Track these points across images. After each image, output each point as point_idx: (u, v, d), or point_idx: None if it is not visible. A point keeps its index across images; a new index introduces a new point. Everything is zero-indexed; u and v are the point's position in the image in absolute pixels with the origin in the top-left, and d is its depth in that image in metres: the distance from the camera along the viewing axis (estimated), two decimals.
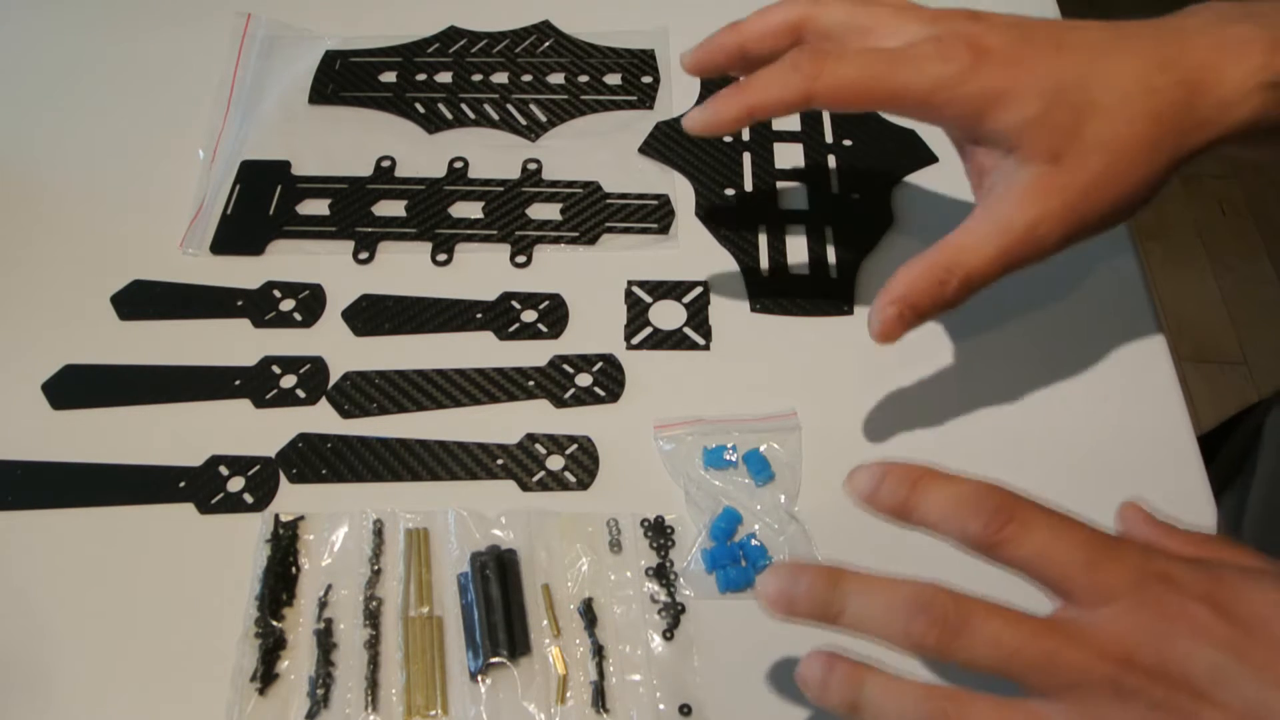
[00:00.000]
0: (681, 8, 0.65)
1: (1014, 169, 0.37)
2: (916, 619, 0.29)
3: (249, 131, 0.60)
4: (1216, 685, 0.27)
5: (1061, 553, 0.29)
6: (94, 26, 0.66)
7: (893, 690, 0.29)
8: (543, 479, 0.45)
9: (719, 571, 0.42)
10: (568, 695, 0.39)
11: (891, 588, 0.30)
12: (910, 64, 0.37)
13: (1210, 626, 0.27)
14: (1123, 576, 0.29)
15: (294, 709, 0.39)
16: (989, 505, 0.30)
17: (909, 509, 0.31)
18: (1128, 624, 0.28)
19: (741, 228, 0.54)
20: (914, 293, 0.37)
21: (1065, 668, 0.28)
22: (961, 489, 0.31)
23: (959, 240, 0.38)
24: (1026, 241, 0.37)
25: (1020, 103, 0.36)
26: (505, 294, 0.52)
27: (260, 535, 0.43)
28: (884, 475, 0.32)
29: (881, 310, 0.38)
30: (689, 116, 0.41)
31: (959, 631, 0.29)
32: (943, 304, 0.38)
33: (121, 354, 0.50)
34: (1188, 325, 1.56)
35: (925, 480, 0.31)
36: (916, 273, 0.38)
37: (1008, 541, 0.30)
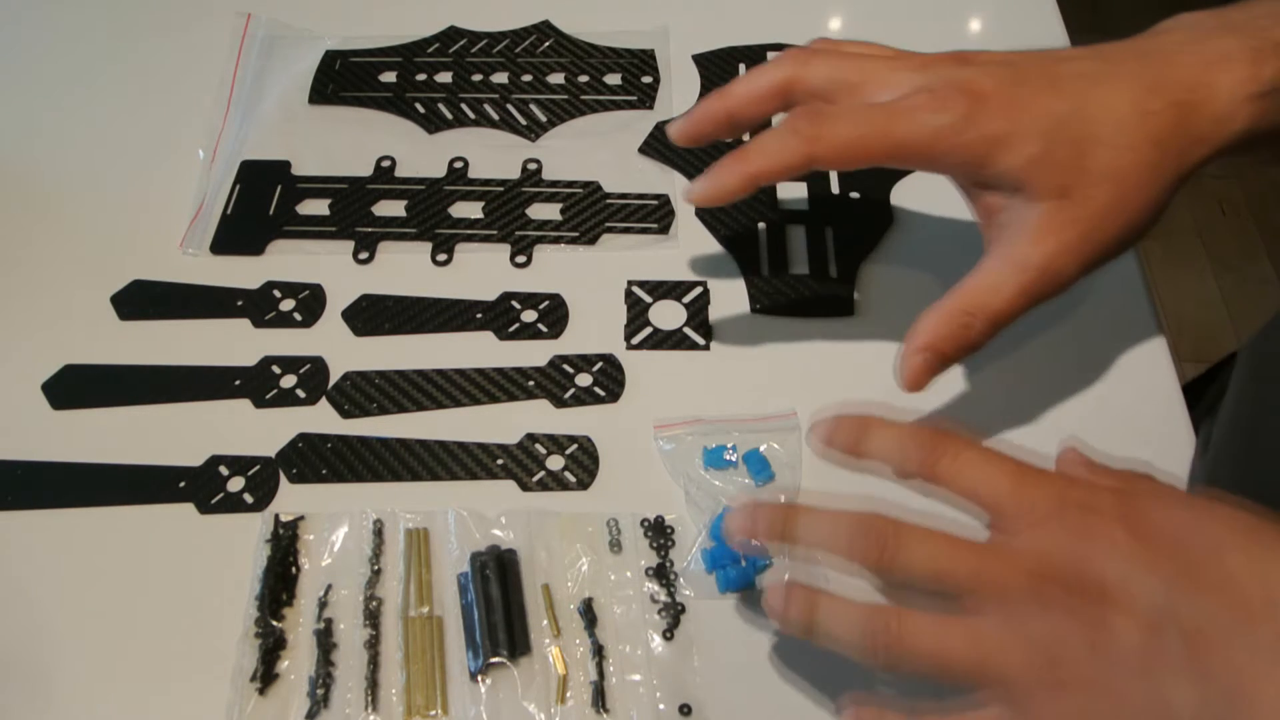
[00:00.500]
0: (681, 8, 0.66)
1: (1023, 207, 0.38)
2: (859, 535, 0.33)
3: (249, 131, 0.60)
4: (1126, 593, 0.29)
5: (991, 476, 0.33)
6: (94, 27, 0.66)
7: (841, 609, 0.33)
8: (543, 479, 0.45)
9: (719, 571, 0.42)
10: (568, 695, 0.39)
11: (837, 516, 0.34)
12: (907, 117, 0.37)
13: (1122, 543, 0.30)
14: (1045, 501, 0.32)
15: (294, 709, 0.39)
16: (929, 439, 0.34)
17: (859, 448, 0.35)
18: (1048, 542, 0.31)
19: (741, 228, 0.54)
20: (939, 339, 0.38)
21: (991, 581, 0.31)
22: (904, 430, 0.35)
23: (978, 283, 0.38)
24: (1045, 277, 0.37)
25: (1021, 143, 0.37)
26: (505, 294, 0.52)
27: (260, 535, 0.43)
28: (838, 424, 0.36)
29: (909, 358, 0.38)
30: (689, 190, 0.41)
31: (898, 548, 0.32)
32: (968, 347, 0.38)
33: (121, 354, 0.50)
34: (1188, 325, 1.56)
35: (873, 425, 0.35)
36: (940, 318, 0.38)
37: (945, 470, 0.33)
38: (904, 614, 0.32)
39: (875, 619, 0.32)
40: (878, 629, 0.32)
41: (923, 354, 0.38)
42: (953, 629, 0.31)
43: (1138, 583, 0.29)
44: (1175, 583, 0.29)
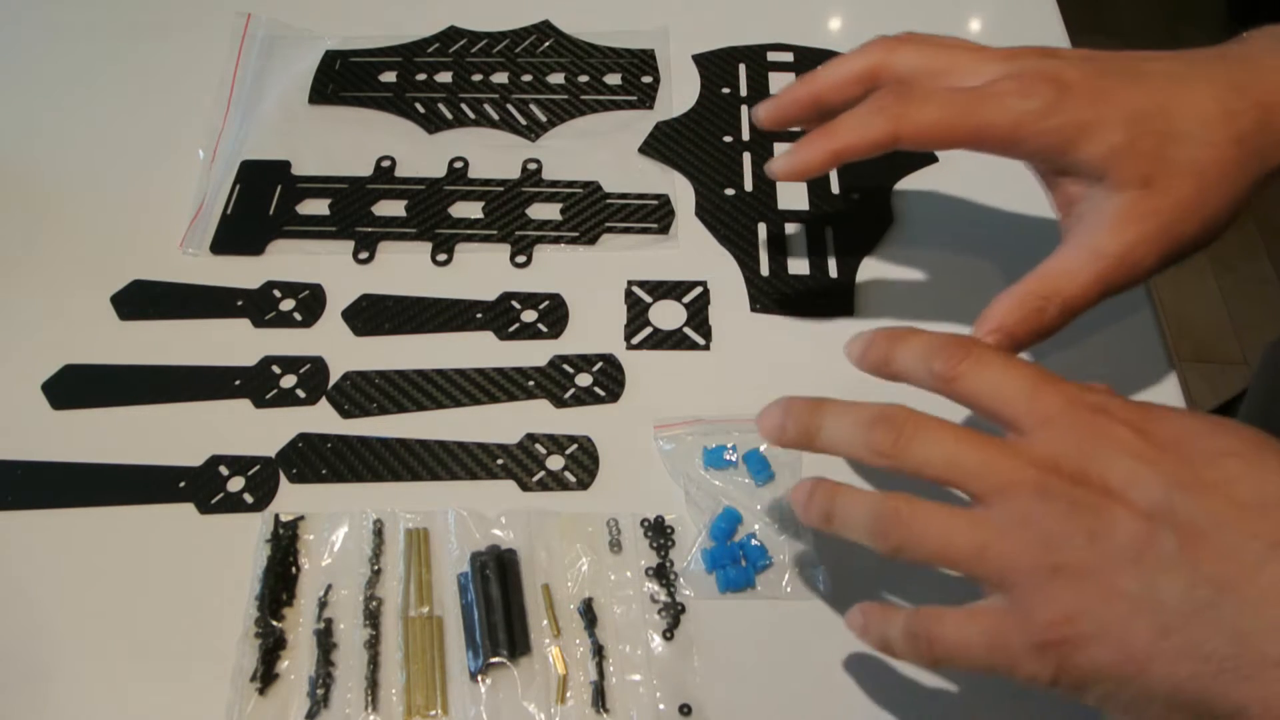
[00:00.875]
0: (681, 8, 0.66)
1: (1103, 197, 0.38)
2: (876, 428, 0.33)
3: (249, 131, 0.60)
4: (1129, 487, 0.30)
5: (1009, 383, 0.33)
6: (94, 27, 0.66)
7: (856, 497, 0.34)
8: (543, 479, 0.45)
9: (719, 571, 0.42)
10: (568, 695, 0.39)
11: (859, 407, 0.35)
12: (993, 101, 0.38)
13: (1130, 442, 0.31)
14: (1059, 403, 0.32)
15: (294, 709, 0.39)
16: (950, 345, 0.34)
17: (888, 361, 0.36)
18: (1058, 439, 0.32)
19: (741, 228, 0.54)
20: (1012, 321, 0.38)
21: (998, 472, 0.32)
22: (929, 337, 0.35)
23: (1055, 267, 0.38)
24: (1122, 266, 0.38)
25: (1106, 132, 0.37)
26: (505, 294, 0.52)
27: (260, 535, 0.43)
28: (873, 338, 0.36)
29: (982, 339, 0.38)
30: (773, 163, 0.42)
31: (912, 438, 0.33)
32: (1040, 332, 0.38)
33: (121, 354, 0.50)
34: (1188, 325, 1.56)
35: (903, 335, 0.36)
36: (1013, 301, 0.38)
37: (964, 375, 0.34)
38: (914, 501, 0.33)
39: (885, 503, 0.33)
40: (887, 513, 0.33)
41: (994, 336, 0.38)
42: (958, 517, 0.32)
43: (1139, 477, 0.30)
44: (1175, 480, 0.29)
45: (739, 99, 0.60)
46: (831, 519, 0.34)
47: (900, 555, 0.33)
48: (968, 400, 0.34)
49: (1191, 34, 1.89)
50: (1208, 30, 1.89)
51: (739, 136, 0.58)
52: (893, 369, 0.36)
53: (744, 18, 0.65)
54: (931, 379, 0.35)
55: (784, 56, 0.63)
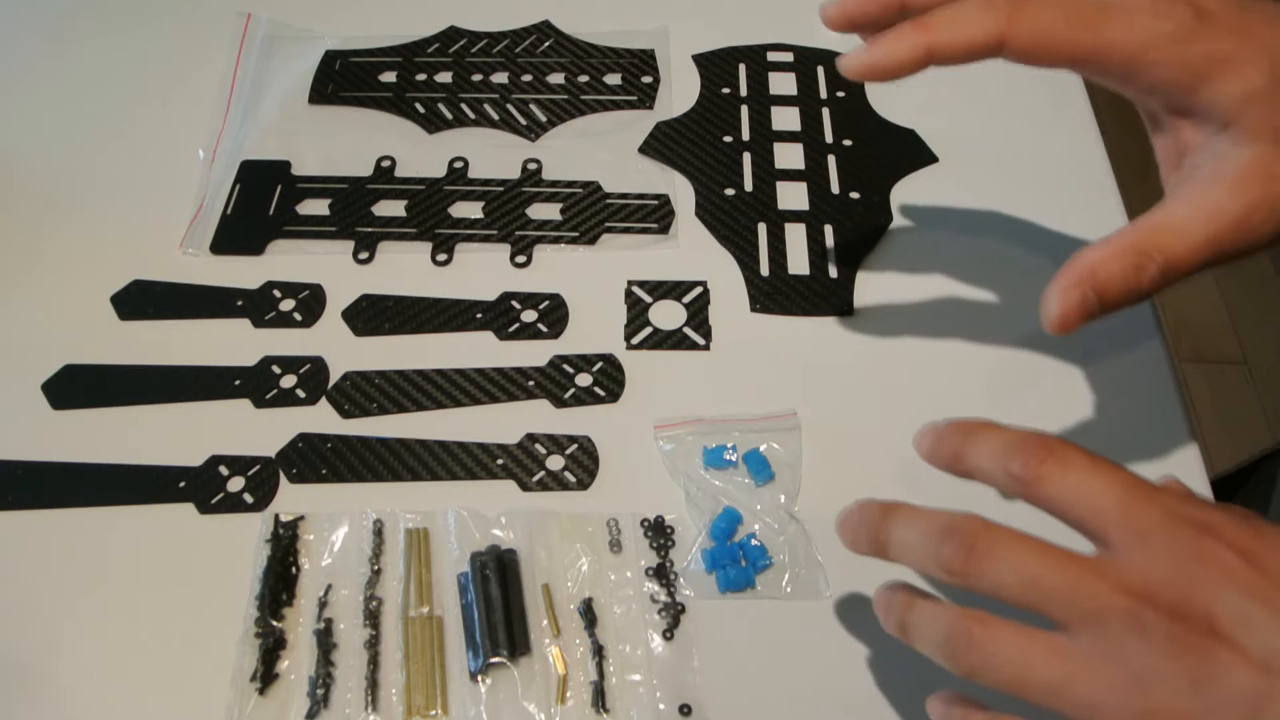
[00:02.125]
0: (681, 8, 0.66)
1: (1228, 148, 0.33)
2: (946, 542, 0.30)
3: (249, 131, 0.60)
4: (1238, 628, 0.26)
5: (1097, 490, 0.29)
6: (95, 27, 0.66)
7: (933, 610, 0.31)
8: (543, 479, 0.45)
9: (719, 571, 0.42)
10: (568, 695, 0.39)
11: (930, 516, 0.31)
12: (1123, 16, 0.33)
13: (1239, 572, 0.27)
14: (1156, 517, 0.28)
15: (294, 709, 0.39)
16: (1030, 445, 0.30)
17: (960, 458, 0.32)
18: (1155, 562, 0.28)
19: (741, 228, 0.54)
20: (1105, 275, 0.33)
21: (1085, 598, 0.28)
22: (1006, 434, 0.31)
23: (1160, 222, 0.34)
24: (1240, 229, 0.33)
25: (1246, 72, 0.32)
26: (505, 294, 0.52)
27: (260, 535, 0.43)
28: (941, 432, 0.33)
29: (1063, 293, 0.34)
30: (848, 59, 0.37)
31: (985, 555, 0.29)
32: (1136, 293, 0.33)
33: (121, 354, 0.50)
34: (1188, 325, 1.56)
35: (977, 430, 0.32)
36: (1109, 253, 0.33)
37: (1045, 479, 0.30)
38: (990, 621, 0.29)
39: (959, 623, 0.30)
40: (960, 634, 0.30)
41: (1081, 289, 0.33)
42: (1037, 641, 0.29)
43: (1253, 618, 0.26)
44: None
45: (739, 99, 0.60)
46: (906, 630, 0.32)
47: (973, 679, 0.29)
48: (1050, 507, 0.30)
49: None
50: None
51: (739, 136, 0.58)
52: (965, 467, 0.32)
53: (744, 18, 0.65)
54: (1009, 481, 0.30)
55: (784, 56, 0.63)
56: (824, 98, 0.60)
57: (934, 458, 0.33)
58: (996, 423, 0.32)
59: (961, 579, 0.30)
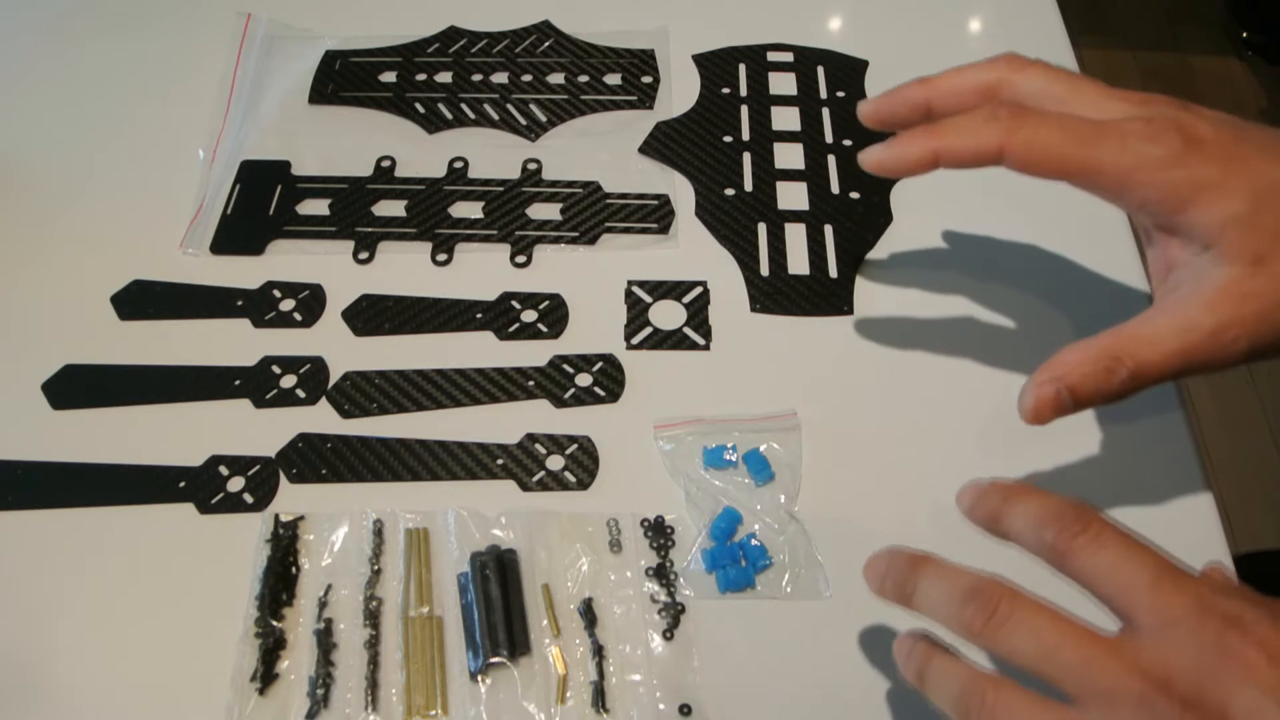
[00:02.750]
0: (681, 8, 0.66)
1: (1208, 267, 0.35)
2: (969, 603, 0.30)
3: (249, 131, 0.60)
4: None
5: (1129, 569, 0.29)
6: (94, 27, 0.66)
7: (949, 667, 0.31)
8: (543, 479, 0.45)
9: (719, 571, 0.42)
10: (568, 695, 0.39)
11: (956, 575, 0.32)
12: (1116, 138, 0.35)
13: (1262, 670, 0.27)
14: (1185, 602, 0.28)
15: (294, 709, 0.39)
16: (1067, 516, 0.31)
17: (999, 519, 0.33)
18: (1176, 649, 0.28)
19: (741, 228, 0.54)
20: (1076, 375, 0.35)
21: (1098, 675, 0.28)
22: (1045, 502, 0.32)
23: (1136, 330, 0.35)
24: (1210, 345, 0.34)
25: (1229, 198, 0.34)
26: (505, 294, 0.52)
27: (260, 535, 0.43)
28: (982, 491, 0.33)
29: (1037, 387, 0.36)
30: (867, 154, 0.40)
31: (1005, 620, 0.30)
32: (1105, 394, 0.35)
33: (121, 354, 0.50)
34: None
35: (1017, 495, 0.32)
36: (1083, 355, 0.35)
37: (1079, 551, 0.30)
38: (1003, 686, 0.30)
39: (975, 682, 0.30)
40: (974, 693, 0.30)
41: (1054, 385, 0.35)
42: (1047, 712, 0.29)
43: (1268, 718, 0.26)
44: None
45: (739, 99, 0.60)
46: (923, 681, 0.32)
47: None
48: (1080, 579, 0.30)
49: (1192, 34, 1.89)
50: (1208, 30, 1.89)
51: (739, 136, 0.58)
52: (1002, 528, 0.33)
53: (744, 18, 0.65)
54: (1042, 549, 0.31)
55: (784, 56, 0.63)
56: (824, 98, 0.60)
57: (973, 515, 0.34)
58: (1038, 488, 0.32)
59: (980, 640, 0.30)
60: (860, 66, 0.62)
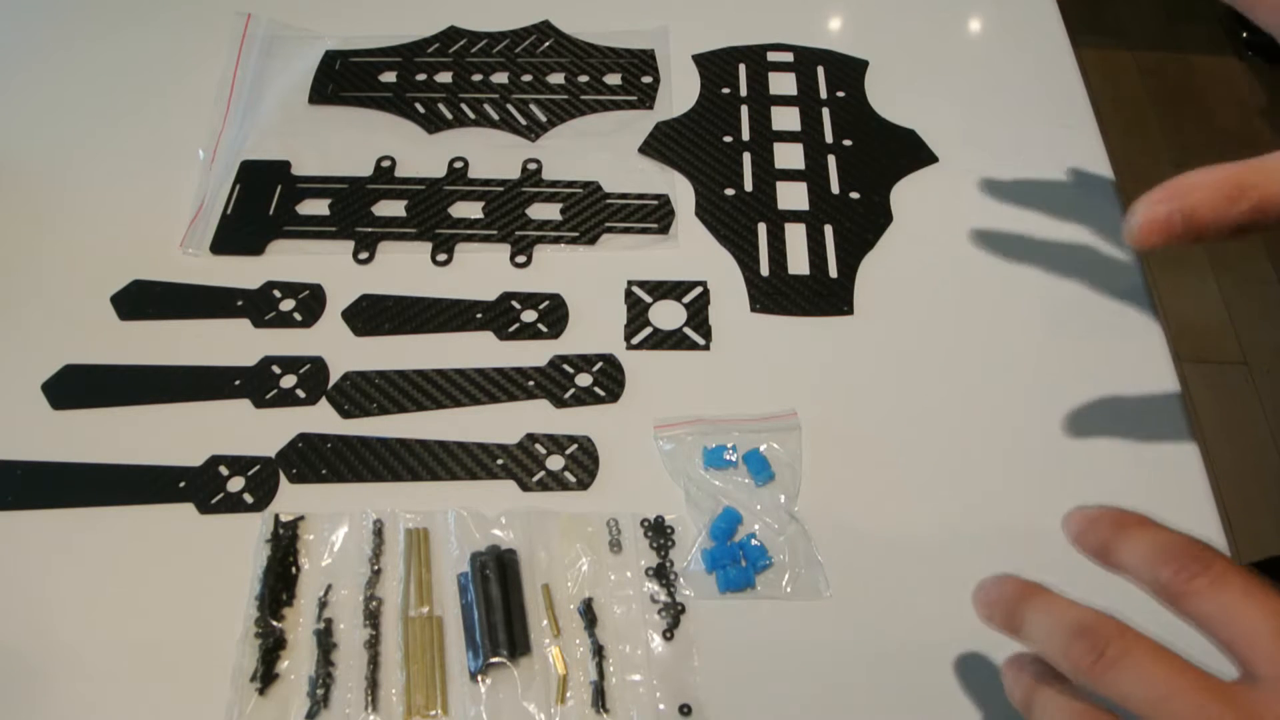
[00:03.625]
0: (681, 8, 0.66)
1: None
2: (1077, 642, 0.29)
3: (249, 131, 0.60)
4: None
5: (1251, 615, 0.28)
6: (94, 27, 0.66)
7: (1054, 701, 0.30)
8: (543, 479, 0.45)
9: (719, 571, 0.42)
10: (568, 695, 0.39)
11: (1066, 609, 0.30)
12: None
13: None
14: None
15: (294, 709, 0.39)
16: (1186, 554, 0.29)
17: (1109, 550, 0.31)
18: None
19: (741, 228, 0.54)
20: (1198, 198, 0.33)
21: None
22: (1162, 537, 0.30)
23: (1267, 164, 0.33)
24: None
25: None
26: (505, 294, 0.52)
27: (260, 535, 0.43)
28: (1093, 518, 0.32)
29: (1150, 208, 0.33)
30: None
31: (1114, 662, 0.28)
32: (1224, 224, 0.33)
33: (121, 354, 0.50)
34: (1188, 325, 1.56)
35: (1131, 526, 0.31)
36: (1206, 178, 0.33)
37: (1197, 593, 0.29)
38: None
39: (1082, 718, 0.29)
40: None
41: (1169, 206, 0.33)
42: None
43: None
44: None
45: (739, 99, 0.60)
46: (1030, 709, 0.31)
47: None
48: (1197, 622, 0.29)
49: (1192, 33, 1.89)
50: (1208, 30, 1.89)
51: (739, 136, 0.58)
52: (1113, 561, 0.31)
53: (744, 18, 0.65)
54: (1157, 587, 0.29)
55: (784, 56, 0.63)
56: (824, 98, 0.60)
57: (1082, 543, 0.32)
58: (1152, 520, 0.31)
59: (1088, 680, 0.29)
60: (860, 66, 0.62)
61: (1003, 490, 0.45)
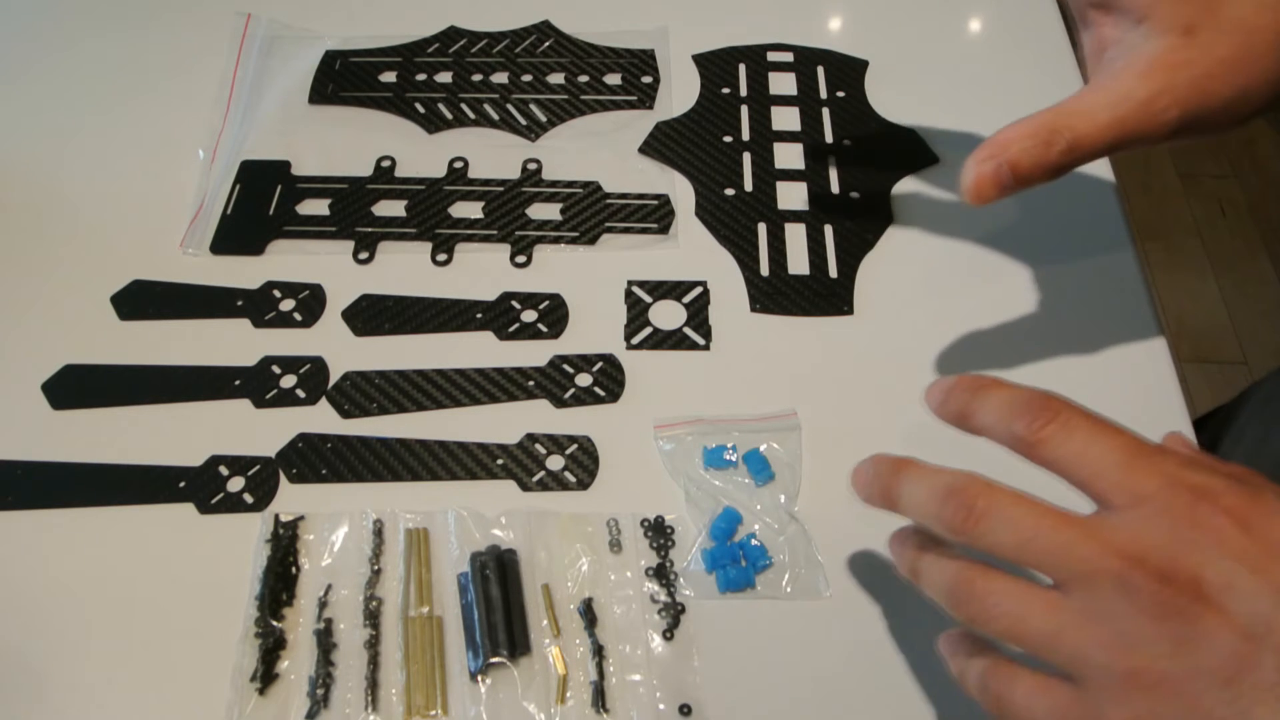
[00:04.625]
0: (681, 8, 0.66)
1: (1141, 40, 0.36)
2: (949, 502, 0.31)
3: (249, 131, 0.60)
4: (1224, 594, 0.27)
5: (1098, 453, 0.30)
6: (94, 26, 0.66)
7: (938, 563, 0.32)
8: (543, 479, 0.45)
9: (719, 571, 0.42)
10: (568, 695, 0.39)
11: (935, 475, 0.32)
12: None
13: (1232, 538, 0.27)
14: (1155, 480, 0.29)
15: (294, 709, 0.39)
16: (1035, 405, 0.31)
17: (969, 414, 0.33)
18: (1150, 525, 0.28)
19: (741, 228, 0.54)
20: (1018, 149, 0.36)
21: (1077, 559, 0.29)
22: (1014, 393, 0.32)
23: (1071, 105, 0.36)
24: (1144, 114, 0.35)
25: None
26: (505, 294, 0.52)
27: (260, 535, 0.43)
28: (951, 386, 0.34)
29: (978, 164, 0.36)
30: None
31: (984, 515, 0.30)
32: (1045, 167, 0.36)
33: (121, 354, 0.50)
34: (1188, 325, 1.56)
35: (984, 388, 0.33)
36: (1022, 129, 0.36)
37: (1048, 440, 0.31)
38: (991, 574, 0.30)
39: (964, 571, 0.31)
40: (963, 583, 0.31)
41: (993, 162, 0.36)
42: (1034, 597, 0.29)
43: (1240, 584, 0.26)
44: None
45: (739, 99, 0.60)
46: (917, 574, 0.33)
47: (973, 625, 0.31)
48: (1051, 467, 0.31)
49: None
50: None
51: (739, 136, 0.58)
52: (972, 424, 0.33)
53: (744, 18, 0.65)
54: (1013, 440, 0.32)
55: (784, 56, 0.63)
56: (824, 98, 0.60)
57: (942, 412, 0.34)
58: (1004, 380, 0.33)
59: (962, 537, 0.31)
60: (860, 66, 0.62)
61: None
